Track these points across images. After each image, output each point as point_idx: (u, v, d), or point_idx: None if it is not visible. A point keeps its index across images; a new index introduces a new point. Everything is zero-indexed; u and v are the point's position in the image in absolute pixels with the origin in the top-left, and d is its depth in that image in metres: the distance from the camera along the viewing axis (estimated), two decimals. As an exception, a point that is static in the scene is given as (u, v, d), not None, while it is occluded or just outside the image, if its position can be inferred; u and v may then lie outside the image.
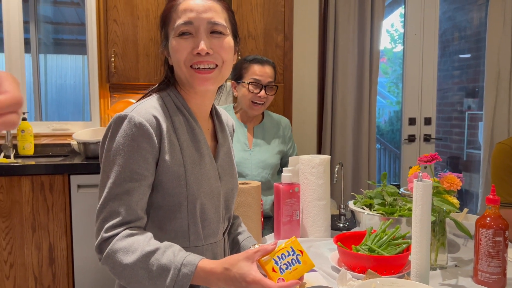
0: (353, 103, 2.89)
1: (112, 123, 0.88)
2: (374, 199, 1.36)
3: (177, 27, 0.91)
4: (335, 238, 1.20)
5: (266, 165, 1.87)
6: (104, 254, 0.83)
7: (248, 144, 1.89)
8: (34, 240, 2.17)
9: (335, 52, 2.85)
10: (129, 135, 0.86)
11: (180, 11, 0.92)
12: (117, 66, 2.40)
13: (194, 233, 0.94)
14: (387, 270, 1.08)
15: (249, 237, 1.13)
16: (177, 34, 0.92)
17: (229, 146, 1.08)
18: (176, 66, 0.94)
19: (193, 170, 0.92)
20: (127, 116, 0.87)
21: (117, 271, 0.83)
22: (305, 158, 1.41)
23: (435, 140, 3.26)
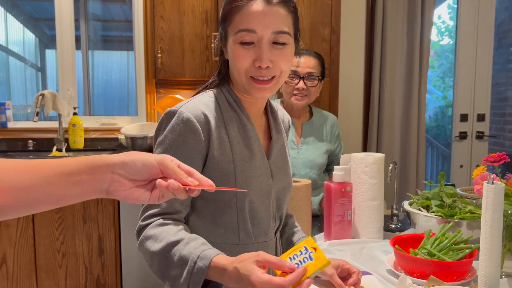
0: (401, 99, 2.79)
1: (164, 117, 0.90)
2: (431, 200, 1.29)
3: (239, 34, 0.88)
4: (391, 240, 1.15)
5: (314, 165, 1.82)
6: (138, 241, 0.87)
7: (295, 141, 1.84)
8: (85, 231, 2.25)
9: (383, 45, 2.75)
10: (176, 130, 0.86)
11: (243, 15, 0.88)
12: (164, 62, 2.43)
13: (243, 230, 0.94)
14: (449, 277, 1.02)
15: (304, 237, 1.10)
16: (238, 42, 0.89)
17: (283, 144, 1.06)
18: (234, 70, 0.93)
19: (242, 168, 0.92)
20: (177, 111, 0.88)
21: (146, 258, 0.85)
22: (358, 156, 1.36)
23: (488, 137, 3.09)
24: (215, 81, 1.00)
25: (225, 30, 0.93)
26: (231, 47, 0.91)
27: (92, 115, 3.23)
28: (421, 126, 2.81)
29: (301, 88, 1.75)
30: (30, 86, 3.95)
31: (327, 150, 1.89)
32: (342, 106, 2.81)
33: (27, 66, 4.01)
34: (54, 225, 2.28)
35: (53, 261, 2.30)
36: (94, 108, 3.71)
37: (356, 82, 2.89)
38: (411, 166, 2.78)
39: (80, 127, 2.67)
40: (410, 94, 2.78)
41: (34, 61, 4.13)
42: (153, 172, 0.61)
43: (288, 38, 0.90)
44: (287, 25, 0.90)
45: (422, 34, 2.77)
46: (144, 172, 0.61)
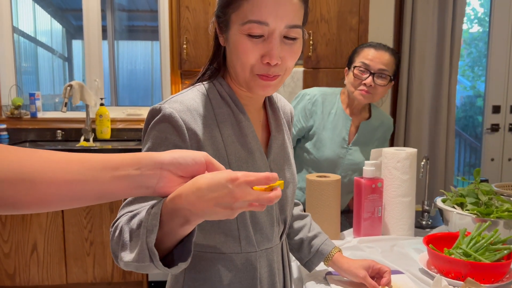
0: (431, 90, 2.70)
1: (148, 115, 0.82)
2: (466, 197, 1.25)
3: (247, 25, 0.77)
4: (425, 239, 1.12)
5: (358, 169, 1.67)
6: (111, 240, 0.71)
7: (347, 140, 1.65)
8: (112, 220, 2.29)
9: (412, 35, 2.66)
10: (158, 127, 0.79)
11: (254, 3, 0.76)
12: (189, 53, 2.43)
13: (245, 238, 0.85)
14: (486, 278, 0.99)
15: (327, 240, 1.05)
16: (246, 33, 0.78)
17: (283, 139, 0.95)
18: (238, 64, 0.81)
19: (239, 169, 0.82)
20: (160, 108, 0.80)
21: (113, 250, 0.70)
22: (389, 151, 1.33)
23: (521, 130, 2.97)
24: (207, 73, 0.89)
25: (227, 15, 0.81)
26: (235, 37, 0.79)
27: (118, 105, 3.27)
28: (450, 119, 2.72)
29: (369, 85, 1.56)
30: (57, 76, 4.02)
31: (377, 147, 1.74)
32: (369, 98, 2.75)
33: (55, 56, 4.08)
34: (82, 214, 2.33)
35: (81, 249, 2.36)
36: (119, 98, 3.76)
37: (384, 73, 2.82)
38: (440, 160, 2.71)
39: (107, 117, 2.70)
40: (440, 85, 2.70)
41: (61, 52, 4.20)
42: (201, 169, 0.60)
43: (300, 32, 0.81)
44: (299, 17, 0.81)
45: (454, 24, 2.67)
46: (193, 168, 0.59)
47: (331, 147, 1.64)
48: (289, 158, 0.96)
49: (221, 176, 0.58)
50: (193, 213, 0.59)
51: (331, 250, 1.04)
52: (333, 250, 1.04)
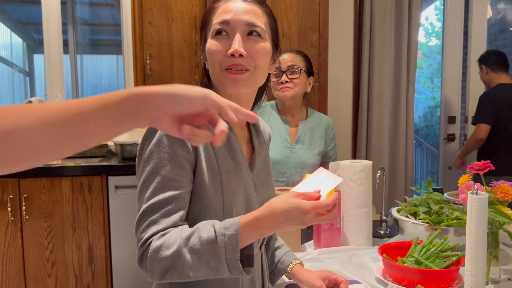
0: (390, 101, 2.81)
1: (147, 133, 0.85)
2: (419, 207, 1.31)
3: (213, 27, 0.88)
4: (379, 249, 1.16)
5: (306, 165, 1.84)
6: (148, 260, 0.78)
7: (289, 140, 1.86)
8: (74, 240, 2.23)
9: (371, 48, 2.77)
10: (163, 143, 0.82)
11: (218, 12, 0.89)
12: (152, 68, 2.43)
13: None
14: (436, 285, 1.04)
15: (289, 252, 1.10)
16: (213, 34, 0.88)
17: (266, 155, 1.03)
18: (211, 69, 0.90)
19: (229, 180, 0.88)
20: None
21: (166, 268, 0.77)
22: (346, 164, 1.37)
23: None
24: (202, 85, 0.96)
25: (204, 36, 0.92)
26: (207, 45, 0.89)
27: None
28: (409, 129, 2.83)
29: (285, 81, 1.78)
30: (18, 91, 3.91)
31: (320, 151, 1.90)
32: (332, 111, 2.83)
33: (15, 71, 3.96)
34: (43, 234, 2.26)
35: (42, 270, 2.28)
36: (83, 113, 3.67)
37: (345, 87, 2.91)
38: (401, 170, 2.81)
39: (69, 133, 2.64)
40: (398, 96, 2.81)
41: (22, 66, 4.09)
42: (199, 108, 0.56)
43: (264, 33, 0.89)
44: (262, 22, 0.89)
45: (410, 36, 2.80)
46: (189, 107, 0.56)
47: (276, 149, 1.82)
48: (270, 174, 1.03)
49: (296, 207, 0.75)
50: (267, 233, 0.78)
51: (291, 261, 1.07)
52: (293, 261, 1.08)
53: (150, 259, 0.78)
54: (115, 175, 2.24)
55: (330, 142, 1.96)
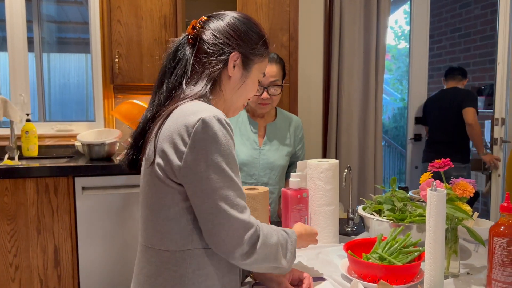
0: (358, 102, 2.87)
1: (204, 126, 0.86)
2: (383, 204, 1.34)
3: (261, 74, 1.08)
4: (345, 246, 1.18)
5: (274, 166, 1.83)
6: (259, 244, 0.88)
7: (257, 142, 1.84)
8: (39, 243, 2.16)
9: (340, 51, 2.82)
10: (226, 134, 0.89)
11: (266, 65, 1.09)
12: (121, 67, 2.39)
13: None
14: (399, 279, 1.06)
15: None
16: (258, 79, 1.07)
17: None
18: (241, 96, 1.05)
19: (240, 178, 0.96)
20: (217, 118, 0.88)
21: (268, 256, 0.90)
22: (313, 163, 1.39)
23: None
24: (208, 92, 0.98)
25: (252, 61, 1.03)
26: (253, 79, 1.05)
27: (49, 120, 3.12)
28: (378, 129, 2.90)
29: (265, 98, 1.75)
30: (-20, 90, 3.75)
31: (289, 152, 1.90)
32: (302, 111, 2.86)
33: (-23, 69, 3.81)
34: (6, 238, 2.18)
35: (5, 275, 2.20)
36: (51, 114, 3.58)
37: (315, 88, 2.95)
38: (370, 169, 2.86)
39: (34, 134, 2.56)
40: (367, 97, 2.87)
41: (-16, 64, 3.93)
42: None
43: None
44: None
45: (378, 39, 2.86)
46: None
47: (244, 151, 1.81)
48: None
49: None
50: None
51: None
52: None
53: (262, 243, 0.89)
54: (82, 176, 2.19)
55: (299, 142, 1.96)
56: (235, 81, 1.02)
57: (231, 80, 1.02)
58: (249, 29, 1.01)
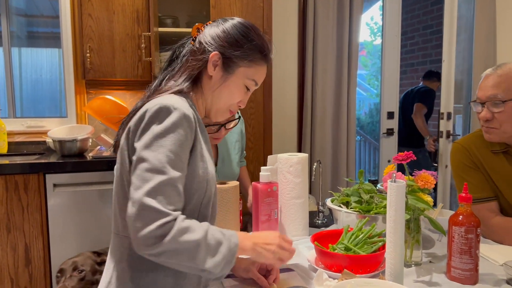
0: (332, 98, 2.90)
1: (159, 110, 0.88)
2: (351, 196, 1.38)
3: (252, 82, 1.06)
4: (312, 237, 1.21)
5: (234, 175, 1.78)
6: (169, 236, 0.81)
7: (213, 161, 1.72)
8: (9, 241, 2.12)
9: (314, 47, 2.84)
10: (179, 125, 0.88)
11: (262, 70, 1.08)
12: (93, 61, 2.35)
13: None
14: (363, 269, 1.10)
15: None
16: (246, 85, 1.06)
17: (209, 146, 1.09)
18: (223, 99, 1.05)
19: (211, 170, 0.99)
20: (176, 107, 0.89)
21: (180, 252, 0.83)
22: (283, 156, 1.41)
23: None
24: (186, 88, 1.01)
25: (235, 63, 1.02)
26: (237, 83, 1.04)
27: (20, 115, 3.04)
28: (351, 124, 2.94)
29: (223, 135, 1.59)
30: None
31: (240, 155, 1.86)
32: (278, 107, 2.88)
33: None
34: (-26, 236, 2.13)
35: (-27, 275, 2.15)
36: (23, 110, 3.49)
37: (290, 83, 2.97)
38: (342, 163, 2.91)
39: (3, 130, 2.51)
40: (340, 93, 2.91)
41: (-50, 59, 3.80)
42: None
43: None
44: None
45: (351, 36, 2.90)
46: None
47: None
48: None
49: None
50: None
51: None
52: None
53: (173, 237, 0.82)
54: (53, 173, 2.16)
55: (243, 135, 1.88)
56: (214, 81, 1.03)
57: (212, 80, 1.03)
58: (241, 33, 1.02)
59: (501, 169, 1.40)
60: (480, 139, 1.44)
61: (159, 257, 0.82)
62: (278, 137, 2.87)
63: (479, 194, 1.41)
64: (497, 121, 1.34)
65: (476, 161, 1.45)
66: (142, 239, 0.80)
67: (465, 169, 1.46)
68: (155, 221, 0.81)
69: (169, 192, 0.84)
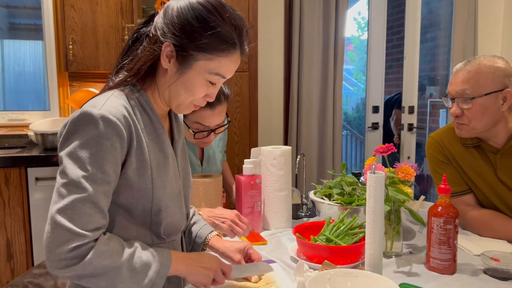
0: (318, 92, 2.91)
1: (80, 118, 0.80)
2: (333, 189, 1.38)
3: (215, 76, 0.89)
4: (294, 229, 1.21)
5: (218, 172, 1.74)
6: (85, 260, 0.76)
7: (199, 164, 1.66)
8: (-13, 239, 2.09)
9: (300, 41, 2.84)
10: (102, 134, 0.79)
11: (227, 62, 0.89)
12: (76, 54, 2.32)
13: (155, 234, 0.93)
14: (344, 260, 1.11)
15: (205, 225, 1.13)
16: (209, 80, 0.89)
17: (184, 142, 1.06)
18: (183, 94, 0.90)
19: (158, 173, 0.89)
20: (98, 114, 0.79)
21: (97, 274, 0.77)
22: (266, 149, 1.41)
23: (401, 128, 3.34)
24: (128, 82, 0.89)
25: (193, 55, 0.86)
26: (196, 78, 0.88)
27: (2, 110, 2.98)
28: (337, 118, 2.95)
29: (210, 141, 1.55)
30: None
31: (223, 152, 1.84)
32: (264, 100, 2.88)
33: None
34: (-47, 231, 2.09)
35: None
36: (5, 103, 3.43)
37: (276, 76, 2.96)
38: (328, 156, 2.93)
39: (-16, 123, 2.46)
40: (326, 87, 2.92)
41: None
42: None
43: None
44: None
45: (337, 31, 2.91)
46: None
47: None
48: (187, 160, 1.07)
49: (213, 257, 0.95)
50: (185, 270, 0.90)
51: (208, 234, 1.10)
52: (210, 234, 1.10)
53: (88, 260, 0.76)
54: (35, 167, 2.13)
55: (226, 134, 1.86)
56: (170, 76, 0.89)
57: (167, 74, 0.89)
58: (199, 18, 0.84)
59: (473, 163, 1.40)
60: (453, 133, 1.44)
61: (76, 279, 0.78)
62: (264, 130, 2.88)
63: (453, 188, 1.42)
64: (466, 118, 1.32)
65: (448, 155, 1.45)
66: (53, 260, 0.76)
67: (439, 163, 1.47)
68: (68, 243, 0.75)
69: (86, 210, 0.77)
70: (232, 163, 2.45)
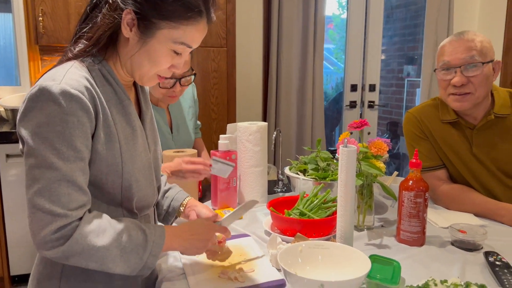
0: (297, 71, 2.90)
1: (38, 94, 0.74)
2: (308, 164, 1.39)
3: (180, 46, 0.85)
4: (268, 204, 1.22)
5: (190, 142, 1.74)
6: (71, 239, 0.75)
7: (168, 130, 1.65)
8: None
9: (279, 19, 2.81)
10: (66, 110, 0.75)
11: (193, 31, 0.84)
12: (46, 26, 2.23)
13: (126, 208, 0.91)
14: (317, 233, 1.12)
15: (181, 191, 1.14)
16: (174, 49, 0.85)
17: (151, 113, 1.03)
18: (146, 65, 0.86)
19: (127, 147, 0.87)
20: (60, 89, 0.74)
21: (85, 256, 0.76)
22: (242, 125, 1.40)
23: (378, 106, 3.37)
24: (88, 52, 0.85)
25: (155, 24, 0.82)
26: (159, 47, 0.84)
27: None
28: (316, 96, 2.96)
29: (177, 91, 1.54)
30: None
31: (195, 121, 1.83)
32: (242, 77, 2.85)
33: None
34: None
35: None
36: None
37: (255, 53, 2.93)
38: (307, 134, 2.94)
39: (-50, 98, 2.37)
40: (305, 66, 2.91)
41: None
42: None
43: None
44: None
45: (316, 9, 2.88)
46: None
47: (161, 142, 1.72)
48: (156, 131, 1.04)
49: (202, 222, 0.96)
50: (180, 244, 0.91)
51: (186, 197, 1.12)
52: (187, 197, 1.13)
53: (74, 240, 0.75)
54: (6, 143, 2.07)
55: (196, 100, 1.84)
56: (131, 45, 0.85)
57: (129, 44, 0.85)
58: None
59: (449, 139, 1.44)
60: (432, 109, 1.46)
61: (65, 260, 0.77)
62: (242, 108, 2.86)
63: (427, 163, 1.46)
64: (473, 86, 1.31)
65: (425, 131, 1.48)
66: (39, 243, 0.75)
67: (415, 138, 1.50)
68: (51, 224, 0.73)
69: (63, 190, 0.75)
70: (210, 140, 2.44)
